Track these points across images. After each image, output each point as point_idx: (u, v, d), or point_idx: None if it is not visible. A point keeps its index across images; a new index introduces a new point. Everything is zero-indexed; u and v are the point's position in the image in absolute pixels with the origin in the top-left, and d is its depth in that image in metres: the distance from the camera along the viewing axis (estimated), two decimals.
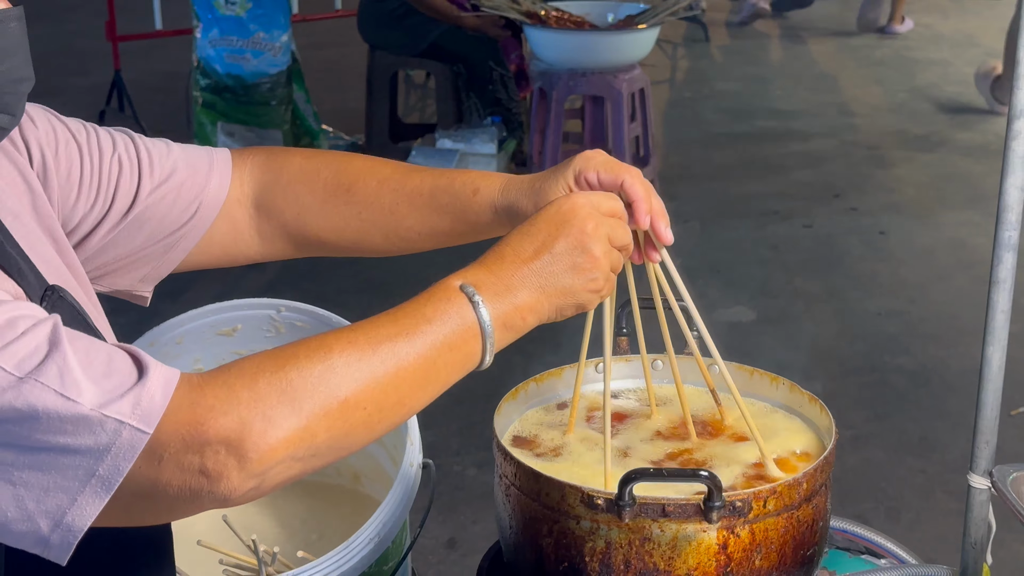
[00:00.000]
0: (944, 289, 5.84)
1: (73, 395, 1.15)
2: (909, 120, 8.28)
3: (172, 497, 1.19)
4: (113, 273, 1.65)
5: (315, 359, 1.23)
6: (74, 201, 1.57)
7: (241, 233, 1.70)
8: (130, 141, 1.64)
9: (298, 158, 1.72)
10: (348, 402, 1.23)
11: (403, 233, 1.67)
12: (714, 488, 1.45)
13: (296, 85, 7.09)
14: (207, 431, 1.16)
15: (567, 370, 1.83)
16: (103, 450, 1.15)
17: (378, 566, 2.00)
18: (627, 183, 1.54)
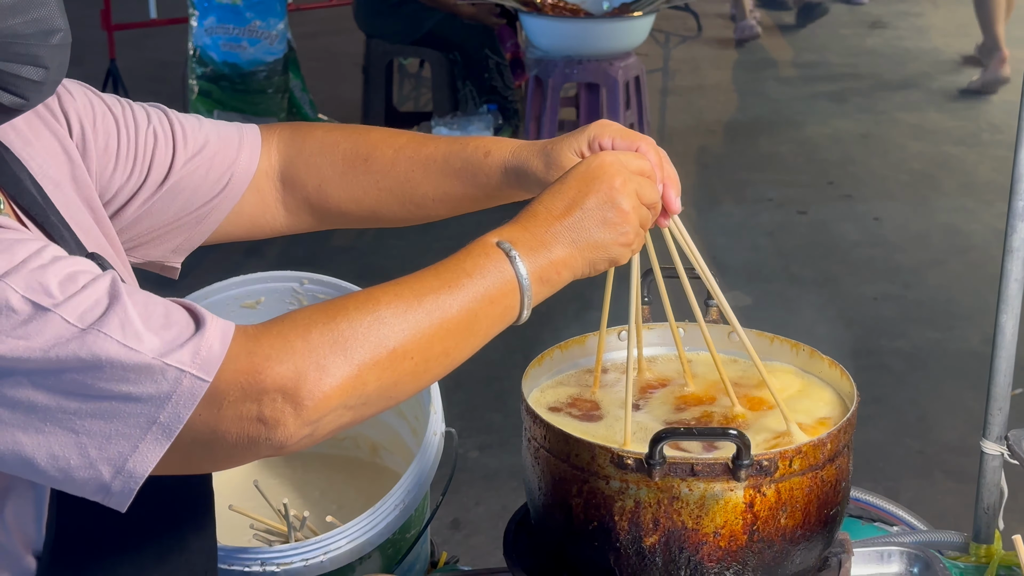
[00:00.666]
0: (939, 274, 5.88)
1: (134, 345, 1.18)
2: (901, 108, 8.32)
3: (230, 444, 1.22)
4: (147, 244, 1.69)
5: (364, 311, 1.26)
6: (111, 172, 1.60)
7: (268, 206, 1.75)
8: (163, 115, 1.68)
9: (319, 131, 1.77)
10: (396, 352, 1.26)
11: (419, 200, 1.72)
12: (743, 447, 1.48)
13: (292, 73, 7.09)
14: (264, 380, 1.19)
15: (590, 337, 1.86)
16: (164, 398, 1.18)
17: (401, 533, 2.03)
18: (642, 149, 1.57)
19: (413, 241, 6.28)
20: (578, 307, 5.38)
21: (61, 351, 1.17)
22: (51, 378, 1.18)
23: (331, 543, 1.91)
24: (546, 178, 1.60)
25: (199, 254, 4.97)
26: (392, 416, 2.30)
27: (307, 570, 1.91)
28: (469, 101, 7.16)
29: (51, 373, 1.17)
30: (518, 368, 1.75)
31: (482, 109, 7.12)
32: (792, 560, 1.59)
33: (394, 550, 2.05)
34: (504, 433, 4.55)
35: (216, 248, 5.89)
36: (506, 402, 4.63)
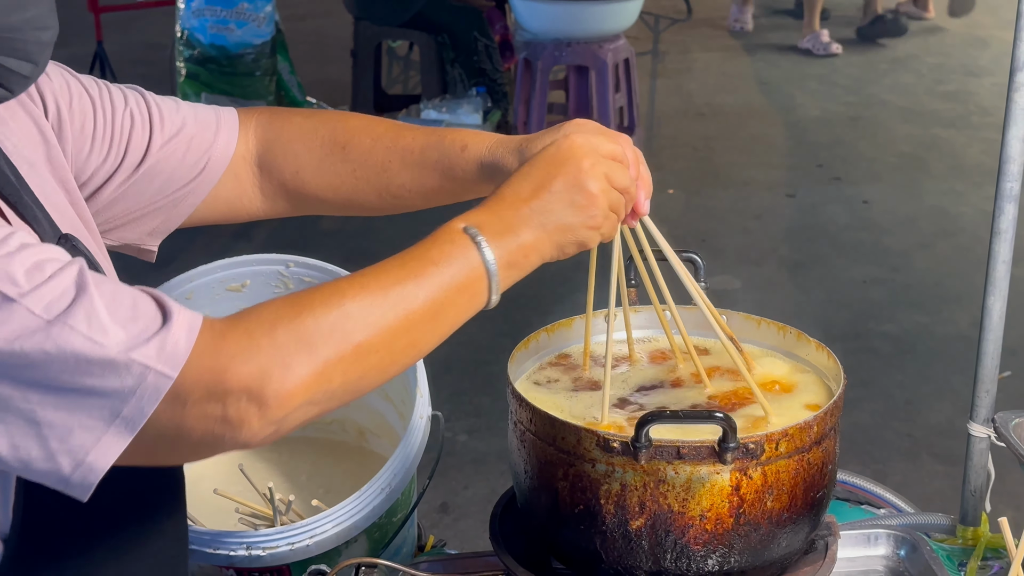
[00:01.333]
0: (927, 257, 5.89)
1: (100, 338, 1.17)
2: (891, 91, 8.32)
3: (194, 441, 1.22)
4: (123, 226, 1.68)
5: (330, 306, 1.25)
6: (87, 154, 1.60)
7: (245, 190, 1.74)
8: (141, 97, 1.67)
9: (298, 117, 1.75)
10: (362, 347, 1.26)
11: (395, 191, 1.70)
12: (729, 430, 1.48)
13: (280, 56, 7.07)
14: (229, 379, 1.19)
15: (577, 320, 1.85)
16: (128, 393, 1.17)
17: (387, 517, 2.02)
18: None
19: (401, 224, 6.24)
20: (566, 290, 5.40)
21: (26, 343, 1.16)
22: (15, 369, 1.16)
23: (317, 527, 1.90)
24: None
25: (186, 237, 4.96)
26: (379, 400, 2.29)
27: (293, 554, 1.90)
28: (458, 84, 7.14)
29: (15, 364, 1.16)
30: (506, 352, 1.74)
31: (471, 92, 7.10)
32: (778, 543, 1.59)
33: (380, 534, 2.04)
34: (492, 417, 4.55)
35: (203, 231, 5.90)
36: (494, 386, 4.62)
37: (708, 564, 1.55)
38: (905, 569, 1.90)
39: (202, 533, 1.91)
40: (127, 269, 1.86)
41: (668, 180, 6.74)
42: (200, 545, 1.90)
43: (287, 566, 1.95)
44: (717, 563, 1.55)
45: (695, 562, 1.55)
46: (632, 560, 1.56)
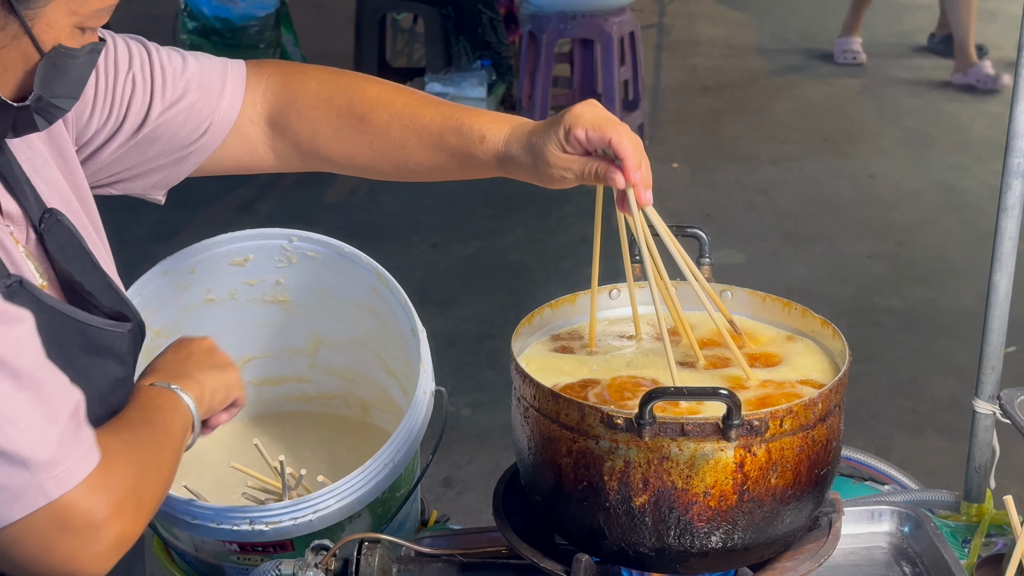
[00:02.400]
0: (933, 231, 5.87)
1: (13, 434, 1.24)
2: (897, 64, 8.28)
3: (29, 558, 1.29)
4: (127, 181, 1.71)
5: (161, 481, 1.46)
6: (87, 117, 1.62)
7: (255, 148, 1.76)
8: (146, 57, 1.67)
9: (313, 83, 1.75)
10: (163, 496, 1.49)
11: (412, 167, 1.73)
12: (733, 407, 1.47)
13: (284, 28, 7.04)
14: (94, 527, 1.30)
15: (581, 296, 1.84)
16: (6, 492, 1.24)
17: (391, 492, 2.02)
18: (615, 141, 1.58)
19: (405, 197, 6.26)
20: (570, 264, 5.40)
21: None
22: None
23: (320, 502, 1.90)
24: (535, 172, 1.64)
25: (189, 211, 4.94)
26: (382, 375, 2.28)
27: (296, 528, 1.90)
28: (463, 57, 7.11)
29: None
30: (510, 326, 1.74)
31: (476, 65, 7.07)
32: (782, 520, 1.58)
33: (384, 509, 2.04)
34: (496, 391, 4.55)
35: (207, 205, 5.91)
36: (498, 360, 4.63)
37: (711, 541, 1.55)
38: (909, 546, 1.89)
39: (205, 508, 1.90)
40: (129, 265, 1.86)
41: (672, 154, 6.72)
42: (204, 520, 1.90)
43: (290, 541, 1.95)
44: (720, 540, 1.55)
45: (698, 539, 1.55)
46: (635, 537, 1.55)
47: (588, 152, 1.61)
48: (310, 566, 1.75)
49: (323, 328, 2.28)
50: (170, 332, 2.15)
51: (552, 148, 1.60)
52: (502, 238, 5.85)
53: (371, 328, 2.22)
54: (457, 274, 5.52)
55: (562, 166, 1.61)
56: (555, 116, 1.63)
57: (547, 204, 6.00)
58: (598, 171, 1.60)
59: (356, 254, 2.11)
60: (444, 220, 6.01)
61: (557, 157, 1.60)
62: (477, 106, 7.53)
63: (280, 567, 1.77)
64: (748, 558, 1.61)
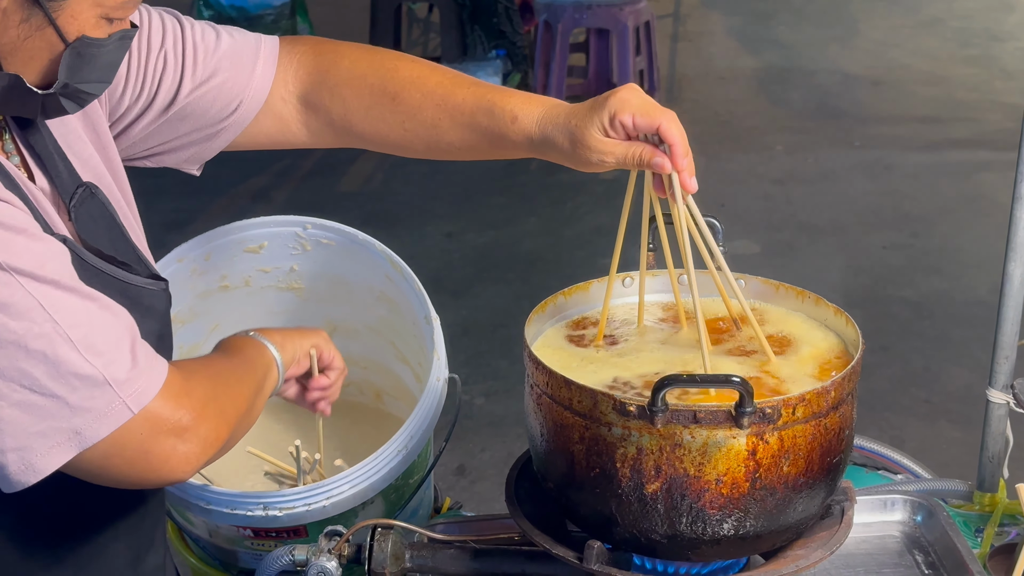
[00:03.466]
0: (948, 222, 5.86)
1: (90, 356, 1.29)
2: (914, 54, 8.26)
3: (126, 468, 1.36)
4: (160, 155, 1.73)
5: (246, 398, 1.54)
6: (120, 94, 1.63)
7: (288, 125, 1.77)
8: (179, 32, 1.68)
9: (346, 60, 1.75)
10: (246, 420, 1.56)
11: (444, 147, 1.74)
12: (745, 394, 1.47)
13: (300, 17, 7.06)
14: (177, 429, 1.37)
15: (594, 284, 1.85)
16: (92, 412, 1.30)
17: (404, 479, 2.02)
18: (663, 127, 1.58)
19: (420, 186, 6.27)
20: (585, 253, 5.40)
21: (30, 339, 1.26)
22: (5, 360, 1.26)
23: (334, 488, 1.90)
24: (572, 155, 1.63)
25: (204, 199, 4.95)
26: (396, 362, 2.29)
27: (309, 514, 1.91)
28: (478, 46, 7.11)
29: (9, 356, 1.26)
30: (524, 315, 1.75)
31: (491, 54, 7.08)
32: (794, 508, 1.58)
33: (397, 496, 2.05)
34: (510, 380, 4.56)
35: (222, 193, 5.93)
36: (512, 349, 4.63)
37: (724, 528, 1.55)
38: (921, 535, 1.89)
39: (219, 494, 1.91)
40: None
41: (688, 144, 6.71)
42: (218, 506, 1.91)
43: (304, 527, 1.96)
44: (733, 527, 1.55)
45: (711, 526, 1.55)
46: (647, 524, 1.55)
47: (630, 137, 1.61)
48: (323, 551, 1.76)
49: (337, 315, 2.29)
50: (185, 319, 2.16)
51: (594, 132, 1.60)
52: (516, 228, 5.85)
53: (385, 315, 2.23)
54: (471, 263, 5.53)
55: (603, 150, 1.60)
56: (595, 100, 1.61)
57: (561, 194, 6.00)
58: (643, 156, 1.59)
59: (370, 241, 2.12)
60: (459, 209, 6.01)
61: (599, 141, 1.60)
62: None
63: (294, 552, 1.78)
64: (760, 546, 1.61)
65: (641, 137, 1.60)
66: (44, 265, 1.29)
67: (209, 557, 2.16)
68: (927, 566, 1.85)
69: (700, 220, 1.64)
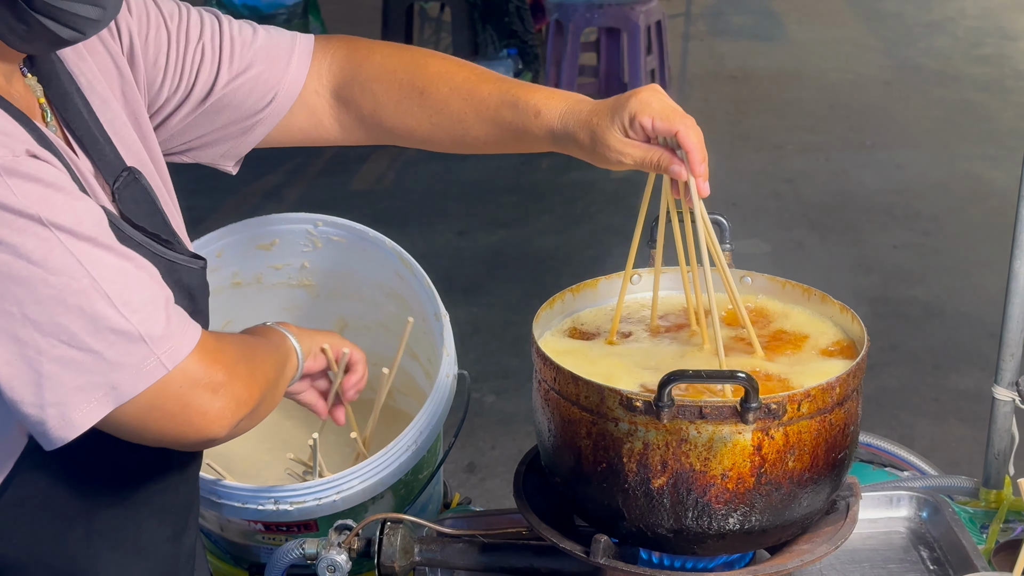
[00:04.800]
0: (959, 221, 5.86)
1: (127, 312, 1.30)
2: (925, 54, 8.25)
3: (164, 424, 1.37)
4: (197, 149, 1.77)
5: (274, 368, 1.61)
6: (159, 85, 1.66)
7: (321, 120, 1.80)
8: (217, 27, 1.71)
9: (378, 56, 1.79)
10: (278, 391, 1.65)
11: (469, 140, 1.77)
12: (751, 389, 1.48)
13: (312, 16, 7.08)
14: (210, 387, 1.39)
15: (602, 281, 1.86)
16: (129, 368, 1.31)
17: (413, 474, 2.04)
18: (682, 133, 1.60)
19: (431, 185, 6.29)
20: (595, 253, 5.41)
21: (68, 295, 1.27)
22: (44, 314, 1.27)
23: (344, 483, 1.92)
24: (592, 151, 1.65)
25: (217, 197, 4.97)
26: (406, 359, 2.30)
27: (319, 509, 1.92)
28: (489, 45, 7.13)
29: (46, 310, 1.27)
30: (534, 313, 1.76)
31: (502, 53, 7.09)
32: (799, 503, 1.59)
33: (407, 491, 2.06)
34: (520, 378, 4.57)
35: (234, 191, 5.94)
36: (522, 347, 4.63)
37: (729, 523, 1.56)
38: (927, 531, 1.90)
39: (231, 487, 1.93)
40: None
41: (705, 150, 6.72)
42: (229, 500, 1.93)
43: (315, 521, 1.97)
44: (738, 522, 1.56)
45: (716, 520, 1.56)
46: (654, 518, 1.57)
47: (649, 139, 1.63)
48: (333, 545, 1.78)
49: (348, 312, 2.31)
50: None
51: (614, 132, 1.62)
52: (528, 226, 5.87)
53: (395, 312, 2.25)
54: (482, 261, 5.55)
55: (622, 151, 1.63)
56: (618, 98, 1.64)
57: (573, 193, 6.01)
58: (660, 161, 1.62)
59: (380, 239, 2.13)
60: (470, 208, 6.03)
61: (618, 141, 1.62)
62: None
63: (304, 546, 1.80)
64: (765, 540, 1.62)
65: (660, 140, 1.62)
66: (82, 222, 1.30)
67: (221, 552, 2.18)
68: (932, 562, 1.86)
69: (707, 219, 1.66)
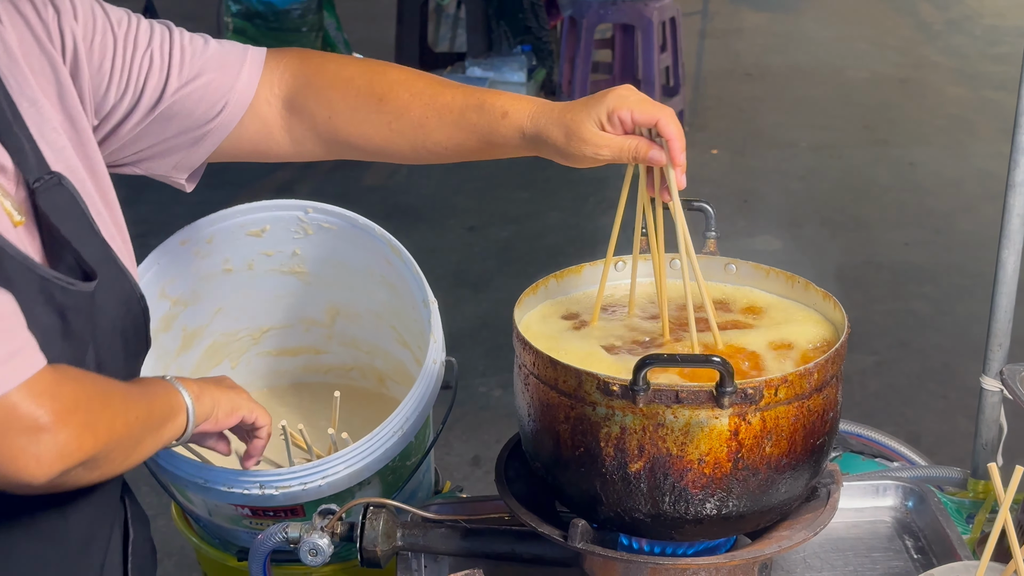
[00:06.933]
0: (971, 219, 5.84)
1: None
2: (943, 52, 8.22)
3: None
4: (148, 160, 1.73)
5: (119, 416, 1.47)
6: (104, 91, 1.63)
7: (271, 132, 1.76)
8: (168, 36, 1.69)
9: (333, 64, 1.77)
10: (123, 441, 1.48)
11: (431, 146, 1.74)
12: (726, 374, 1.48)
13: (327, 12, 7.09)
14: (40, 429, 1.32)
15: (586, 267, 1.87)
16: None
17: (401, 460, 2.04)
18: (662, 123, 1.61)
19: (442, 180, 6.29)
20: (606, 249, 5.40)
21: None
22: None
23: (329, 467, 1.92)
24: (566, 148, 1.64)
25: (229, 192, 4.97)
26: (397, 346, 2.31)
27: (305, 494, 1.93)
28: (503, 42, 7.13)
29: None
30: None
31: (516, 50, 7.09)
32: (778, 489, 1.59)
33: (395, 477, 2.07)
34: None
35: (246, 186, 5.94)
36: None
37: (706, 508, 1.56)
38: (912, 520, 1.90)
39: (216, 472, 1.94)
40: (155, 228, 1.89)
41: (712, 140, 6.71)
42: (215, 483, 1.93)
43: (301, 506, 1.98)
44: (715, 507, 1.56)
45: (693, 505, 1.56)
46: (631, 503, 1.57)
47: (626, 132, 1.63)
48: (316, 529, 1.78)
49: (339, 299, 2.31)
50: (188, 301, 2.19)
51: (590, 126, 1.62)
52: (538, 222, 5.87)
53: (386, 299, 2.25)
54: (492, 257, 5.55)
55: (600, 144, 1.63)
56: (590, 97, 1.65)
57: (584, 189, 6.01)
58: (638, 148, 1.62)
59: (370, 226, 2.14)
60: (481, 203, 6.04)
61: (595, 135, 1.62)
62: (516, 91, 7.54)
63: (287, 530, 1.80)
64: (744, 526, 1.62)
65: (638, 132, 1.63)
66: None
67: (210, 536, 2.19)
68: (916, 551, 1.86)
69: (680, 214, 1.67)
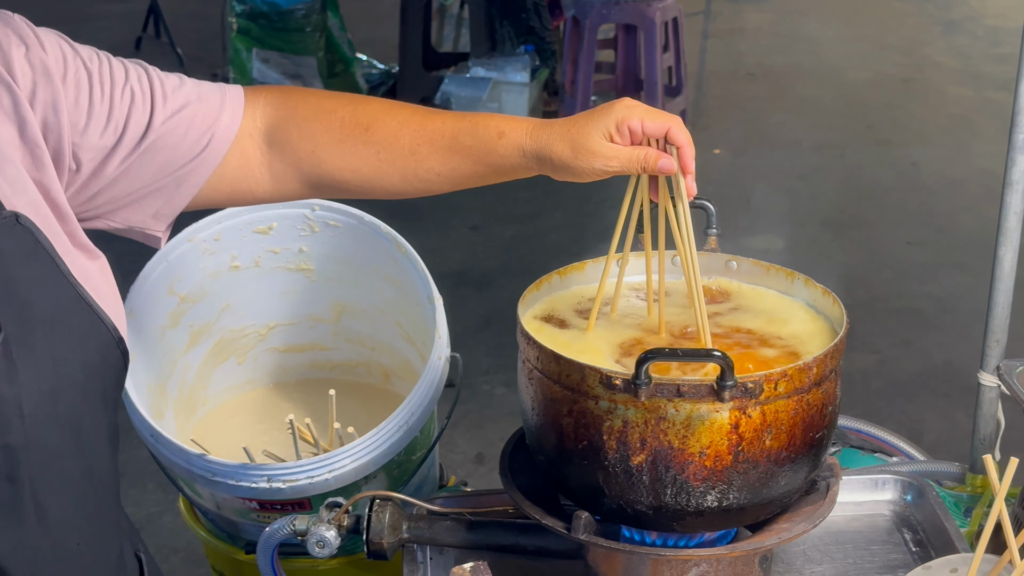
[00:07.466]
0: (973, 219, 5.85)
1: None
2: (945, 52, 8.24)
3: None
4: (127, 207, 1.63)
5: None
6: (84, 127, 1.54)
7: (251, 170, 1.68)
8: (143, 72, 1.63)
9: (314, 97, 1.71)
10: None
11: (423, 174, 1.67)
12: (727, 368, 1.51)
13: (331, 12, 7.11)
14: None
15: (589, 264, 1.89)
16: None
17: (406, 455, 2.07)
18: (673, 130, 1.62)
19: None
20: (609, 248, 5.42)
21: None
22: None
23: (336, 461, 1.95)
24: (572, 162, 1.62)
25: None
26: (402, 343, 2.34)
27: (312, 487, 1.95)
28: (506, 41, 7.15)
29: None
30: None
31: (519, 50, 7.11)
32: (777, 482, 1.62)
33: (400, 471, 2.09)
34: None
35: None
36: None
37: (707, 500, 1.59)
38: (911, 514, 1.93)
39: (225, 466, 1.96)
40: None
41: (715, 140, 6.73)
42: (223, 477, 1.96)
43: (308, 499, 2.01)
44: (716, 499, 1.59)
45: (694, 498, 1.58)
46: (633, 495, 1.60)
47: (635, 142, 1.63)
48: (323, 521, 1.81)
49: (345, 296, 2.34)
50: (195, 298, 2.22)
51: (598, 138, 1.62)
52: (542, 221, 5.89)
53: (391, 296, 2.28)
54: (496, 256, 5.57)
55: (608, 155, 1.62)
56: (593, 110, 1.65)
57: (587, 188, 6.03)
58: (647, 157, 1.62)
59: (376, 223, 2.16)
60: (484, 203, 6.06)
61: (604, 146, 1.61)
62: (520, 91, 7.50)
63: (295, 523, 1.83)
64: (744, 518, 1.65)
65: (646, 142, 1.64)
66: None
67: (218, 530, 2.21)
68: (915, 544, 1.88)
69: (689, 220, 1.68)
